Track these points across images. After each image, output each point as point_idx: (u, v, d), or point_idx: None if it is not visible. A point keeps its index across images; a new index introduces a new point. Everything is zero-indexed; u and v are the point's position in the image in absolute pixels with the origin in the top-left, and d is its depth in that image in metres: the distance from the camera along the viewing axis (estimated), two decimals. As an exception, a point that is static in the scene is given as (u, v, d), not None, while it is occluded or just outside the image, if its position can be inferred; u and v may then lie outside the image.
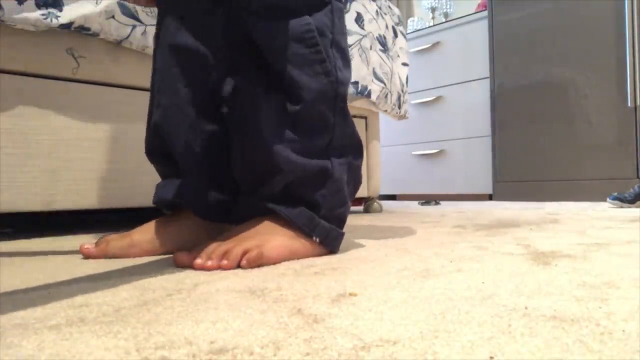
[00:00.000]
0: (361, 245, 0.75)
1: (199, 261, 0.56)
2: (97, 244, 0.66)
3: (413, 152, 2.85)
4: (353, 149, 0.70)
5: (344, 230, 0.70)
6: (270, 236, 0.60)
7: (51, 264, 0.61)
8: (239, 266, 0.56)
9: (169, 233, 0.68)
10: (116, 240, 0.67)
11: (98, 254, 0.65)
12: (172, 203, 0.69)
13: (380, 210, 1.76)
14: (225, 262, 0.55)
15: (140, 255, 0.67)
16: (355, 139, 0.71)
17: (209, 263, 0.55)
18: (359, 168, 0.72)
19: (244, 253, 0.56)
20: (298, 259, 0.62)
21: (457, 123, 2.67)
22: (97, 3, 0.94)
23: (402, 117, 1.77)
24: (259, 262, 0.57)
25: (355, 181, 0.72)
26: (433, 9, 3.13)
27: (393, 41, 1.70)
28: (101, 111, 1.02)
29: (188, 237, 0.69)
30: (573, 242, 0.74)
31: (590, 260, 0.57)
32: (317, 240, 0.64)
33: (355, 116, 1.69)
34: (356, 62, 1.47)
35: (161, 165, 0.72)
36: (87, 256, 0.66)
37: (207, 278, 0.50)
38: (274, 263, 0.58)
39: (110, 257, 0.65)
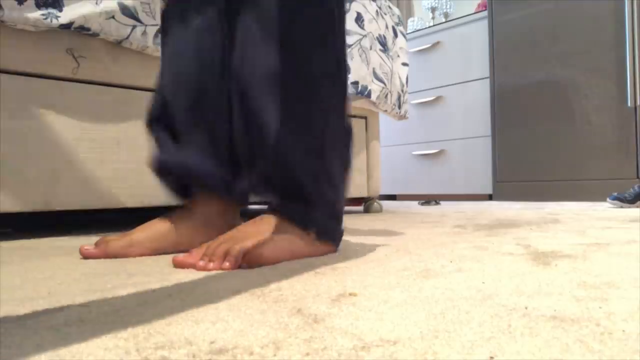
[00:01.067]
0: (361, 245, 0.75)
1: (201, 263, 0.56)
2: (96, 244, 0.66)
3: (413, 152, 2.85)
4: (344, 136, 0.69)
5: (344, 228, 0.70)
6: (270, 236, 0.60)
7: (51, 264, 0.61)
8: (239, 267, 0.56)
9: (168, 232, 0.69)
10: (116, 240, 0.67)
11: (98, 254, 0.65)
12: (170, 165, 0.70)
13: (380, 210, 1.76)
14: (227, 264, 0.55)
15: (140, 255, 0.67)
16: (347, 124, 0.70)
17: (211, 265, 0.55)
18: (348, 154, 0.71)
19: (244, 254, 0.56)
20: (298, 259, 0.62)
21: (457, 123, 2.67)
22: (97, 3, 0.94)
23: (402, 117, 1.77)
24: (259, 263, 0.57)
25: (346, 167, 0.71)
26: (433, 9, 3.13)
27: (393, 41, 1.70)
28: (101, 111, 1.02)
29: (188, 236, 0.69)
30: (573, 242, 0.74)
31: (590, 260, 0.57)
32: (313, 233, 0.64)
33: (355, 116, 1.69)
34: (356, 62, 1.47)
35: (161, 132, 0.72)
36: (87, 257, 0.65)
37: (207, 278, 0.50)
38: (274, 263, 0.58)
39: (110, 257, 0.65)
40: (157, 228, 0.69)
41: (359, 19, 1.51)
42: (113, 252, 0.66)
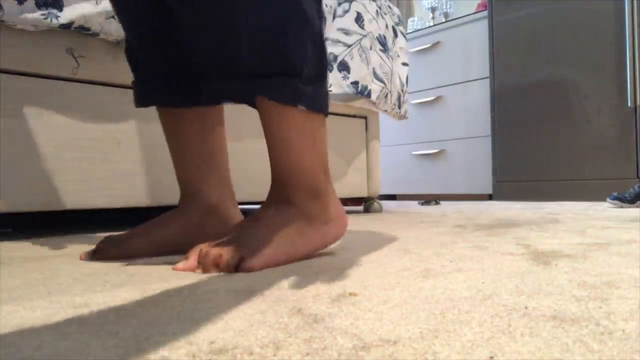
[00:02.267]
0: (361, 246, 0.75)
1: (197, 272, 0.55)
2: (95, 251, 0.65)
3: (413, 152, 2.85)
4: None
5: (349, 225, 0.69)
6: (271, 240, 0.58)
7: (51, 264, 0.61)
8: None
9: (166, 237, 0.67)
10: (111, 250, 0.65)
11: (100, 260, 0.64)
12: (139, 99, 0.71)
13: (380, 210, 1.76)
14: (225, 271, 0.54)
15: (141, 257, 0.66)
16: None
17: (212, 272, 0.54)
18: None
19: (235, 265, 0.55)
20: (295, 261, 0.61)
21: (457, 123, 2.67)
22: (97, 3, 0.94)
23: (402, 117, 1.77)
24: (258, 269, 0.55)
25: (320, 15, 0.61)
26: (433, 9, 3.13)
27: (393, 41, 1.70)
28: (101, 111, 1.02)
29: (184, 239, 0.68)
30: (573, 242, 0.74)
31: (590, 260, 0.57)
32: (304, 108, 0.58)
33: (355, 116, 1.69)
34: (356, 62, 1.47)
35: (133, 71, 0.73)
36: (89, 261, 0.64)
37: (207, 278, 0.50)
38: (274, 267, 0.58)
39: (112, 261, 0.64)
40: (154, 233, 0.67)
41: (359, 19, 1.51)
42: (113, 257, 0.65)
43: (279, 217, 0.61)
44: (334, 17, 1.43)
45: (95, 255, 0.65)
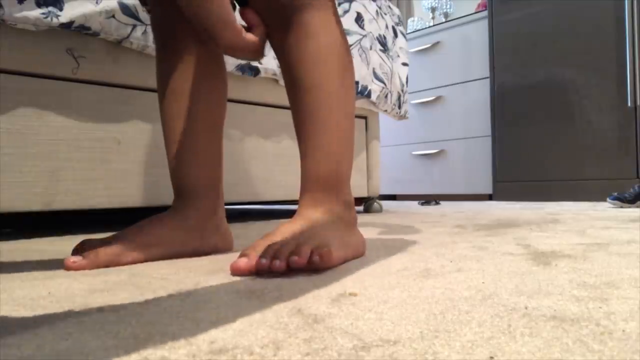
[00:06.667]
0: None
1: (263, 261, 0.50)
2: (84, 256, 0.58)
3: (413, 152, 2.85)
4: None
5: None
6: (335, 239, 0.57)
7: (51, 264, 0.61)
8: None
9: (161, 236, 0.64)
10: (105, 247, 0.59)
11: (86, 266, 0.57)
12: None
13: (380, 210, 1.76)
14: (295, 257, 0.50)
15: (132, 263, 0.61)
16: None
17: (277, 263, 0.50)
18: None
19: (315, 251, 0.51)
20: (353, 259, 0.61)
21: (457, 123, 2.68)
22: (97, 2, 0.94)
23: (402, 117, 1.77)
24: (335, 264, 0.54)
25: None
26: (433, 9, 3.13)
27: (393, 41, 1.70)
28: (101, 111, 1.02)
29: (181, 240, 0.65)
30: (573, 242, 0.74)
31: (590, 260, 0.57)
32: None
33: (355, 116, 1.69)
34: (356, 62, 1.47)
35: None
36: (76, 270, 0.57)
37: (207, 278, 0.50)
38: (334, 266, 0.55)
39: (100, 267, 0.58)
40: (148, 231, 0.63)
41: (359, 19, 1.51)
42: (103, 262, 0.58)
43: (326, 220, 0.60)
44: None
45: (87, 256, 0.58)
